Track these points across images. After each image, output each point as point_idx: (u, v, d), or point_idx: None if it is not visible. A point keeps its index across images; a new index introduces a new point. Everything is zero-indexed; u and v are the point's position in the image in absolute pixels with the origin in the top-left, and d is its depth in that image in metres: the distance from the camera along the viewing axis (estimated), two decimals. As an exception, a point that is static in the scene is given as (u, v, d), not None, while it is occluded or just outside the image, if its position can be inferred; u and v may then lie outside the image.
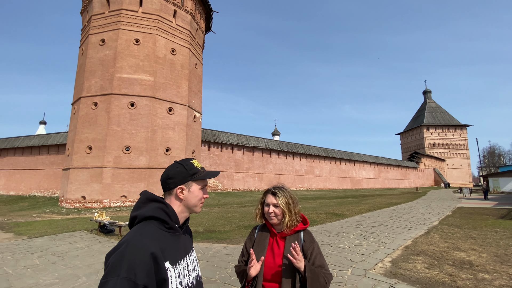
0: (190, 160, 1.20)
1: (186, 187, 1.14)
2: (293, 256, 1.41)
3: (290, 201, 1.57)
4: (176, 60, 20.34)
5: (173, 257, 1.03)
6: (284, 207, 1.54)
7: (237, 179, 29.10)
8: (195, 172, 1.15)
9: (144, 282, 0.86)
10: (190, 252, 1.18)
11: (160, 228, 1.04)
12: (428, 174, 63.96)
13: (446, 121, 72.48)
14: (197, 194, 1.15)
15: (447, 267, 4.78)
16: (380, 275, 4.39)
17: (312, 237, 1.61)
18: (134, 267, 0.86)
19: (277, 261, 1.50)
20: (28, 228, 9.35)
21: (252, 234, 1.70)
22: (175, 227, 1.10)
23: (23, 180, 26.58)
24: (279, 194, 1.57)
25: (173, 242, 1.06)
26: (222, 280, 4.18)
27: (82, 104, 18.20)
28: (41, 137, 27.41)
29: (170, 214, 1.08)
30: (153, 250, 0.93)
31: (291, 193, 1.62)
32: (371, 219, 10.57)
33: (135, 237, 0.96)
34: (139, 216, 1.06)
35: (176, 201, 1.14)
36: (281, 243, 1.55)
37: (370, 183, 48.22)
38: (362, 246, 6.26)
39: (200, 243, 6.65)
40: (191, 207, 1.16)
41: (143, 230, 1.00)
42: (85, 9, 20.99)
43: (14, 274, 4.53)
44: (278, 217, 1.56)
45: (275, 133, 55.02)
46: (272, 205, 1.57)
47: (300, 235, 1.58)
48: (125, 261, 0.87)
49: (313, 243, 1.58)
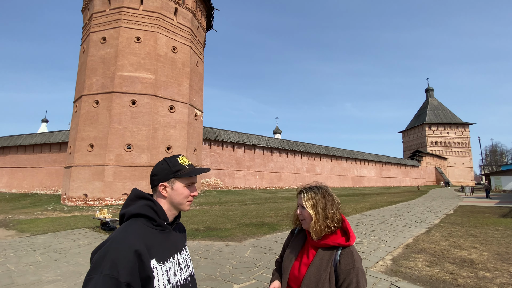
0: (176, 156, 1.18)
1: (169, 184, 1.11)
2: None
3: (319, 202, 1.32)
4: (177, 58, 20.31)
5: (161, 254, 1.02)
6: (310, 209, 1.31)
7: (238, 177, 29.13)
8: (178, 169, 1.12)
9: (127, 279, 0.86)
10: (181, 250, 1.16)
11: (147, 226, 1.04)
12: (429, 173, 63.79)
13: (448, 119, 72.13)
14: (181, 192, 1.12)
15: (448, 265, 4.77)
16: (381, 273, 4.39)
17: (353, 260, 1.23)
18: (117, 264, 0.86)
19: (301, 270, 1.30)
20: (30, 226, 9.42)
21: (291, 233, 1.54)
22: (164, 224, 1.09)
23: (26, 178, 26.72)
24: (305, 194, 1.36)
25: (161, 240, 1.05)
26: (223, 278, 4.20)
27: (84, 102, 18.23)
28: (43, 135, 27.51)
29: (158, 211, 1.07)
30: (138, 247, 0.93)
31: (327, 193, 1.36)
32: (372, 217, 10.57)
33: (120, 235, 0.95)
34: (127, 213, 1.06)
35: (161, 198, 1.12)
36: (312, 252, 1.33)
37: (372, 182, 48.16)
38: (363, 244, 6.27)
39: (202, 241, 6.67)
40: (177, 205, 1.13)
41: (129, 228, 1.00)
42: (86, 7, 20.97)
43: (16, 271, 4.57)
44: (307, 220, 1.34)
45: (276, 131, 55.01)
46: (300, 207, 1.38)
47: (336, 252, 1.27)
48: (108, 258, 0.87)
49: (353, 268, 1.21)
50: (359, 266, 1.23)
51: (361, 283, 1.19)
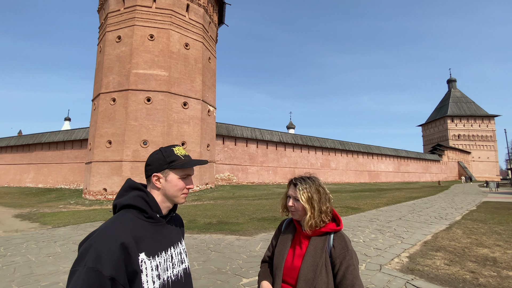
0: (172, 146, 1.13)
1: (162, 175, 1.07)
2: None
3: (315, 196, 1.30)
4: (189, 54, 20.46)
5: (151, 248, 0.98)
6: (305, 203, 1.28)
7: (251, 173, 29.20)
8: (173, 160, 1.07)
9: (111, 273, 0.82)
10: (176, 244, 1.12)
11: (138, 218, 1.00)
12: (451, 168, 61.03)
13: (472, 112, 68.43)
14: (175, 184, 1.07)
15: (469, 264, 4.52)
16: (396, 271, 4.22)
17: (345, 243, 1.27)
18: (101, 256, 0.83)
19: (295, 263, 1.29)
20: (53, 218, 9.90)
21: (279, 228, 1.51)
22: (156, 217, 1.04)
23: (50, 174, 28.17)
24: (300, 187, 1.32)
25: (153, 233, 1.01)
26: (233, 271, 4.19)
27: (101, 100, 18.83)
28: (66, 132, 28.79)
29: (150, 202, 1.03)
30: (124, 240, 0.89)
31: (321, 186, 1.34)
32: (389, 213, 10.24)
33: (108, 226, 0.92)
34: (118, 204, 1.02)
35: (154, 190, 1.08)
36: (305, 242, 1.32)
37: (389, 177, 46.77)
38: (378, 241, 6.07)
39: (213, 235, 6.72)
40: (171, 197, 1.08)
41: (118, 219, 0.96)
42: (101, 7, 21.50)
43: (36, 261, 4.79)
44: (299, 212, 1.33)
45: (289, 126, 54.46)
46: (293, 198, 1.35)
47: (328, 238, 1.29)
48: (93, 250, 0.84)
49: (346, 250, 1.25)
50: (351, 248, 1.27)
51: (356, 265, 1.24)
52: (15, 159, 31.34)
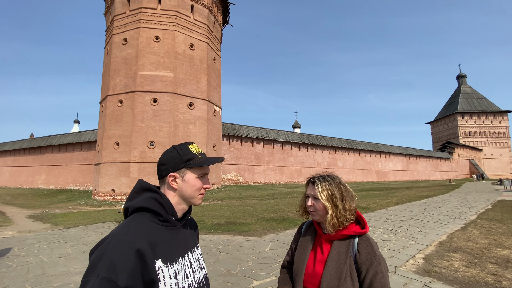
0: (187, 144, 1.04)
1: (179, 175, 0.98)
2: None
3: (336, 193, 1.22)
4: (195, 55, 20.49)
5: (168, 254, 0.90)
6: (325, 201, 1.21)
7: (258, 172, 29.11)
8: (190, 158, 0.99)
9: (127, 283, 0.75)
10: (193, 249, 1.04)
11: (153, 221, 0.92)
12: (462, 165, 59.72)
13: (483, 108, 66.78)
14: (193, 184, 0.99)
15: (489, 266, 4.33)
16: (412, 273, 4.07)
17: (372, 248, 1.17)
18: (115, 265, 0.75)
19: (317, 269, 1.19)
20: (64, 219, 10.02)
21: (298, 232, 1.42)
22: (172, 220, 0.97)
23: (61, 175, 28.66)
24: (319, 184, 1.25)
25: (169, 237, 0.93)
26: (243, 273, 4.11)
27: (109, 102, 19.02)
28: (75, 135, 29.25)
29: (165, 205, 0.95)
30: (140, 246, 0.81)
31: (341, 184, 1.26)
32: (400, 213, 10.01)
33: (121, 231, 0.84)
34: (131, 207, 0.94)
35: (170, 191, 0.99)
36: (327, 247, 1.23)
37: (398, 176, 46.03)
38: (391, 241, 5.90)
39: (222, 235, 6.66)
40: (188, 199, 1.00)
41: (132, 223, 0.88)
42: (108, 10, 21.72)
43: (48, 262, 4.81)
44: (319, 212, 1.24)
45: (295, 126, 54.15)
46: (312, 197, 1.27)
47: (353, 242, 1.20)
48: (106, 258, 0.76)
49: (373, 256, 1.14)
50: (379, 253, 1.17)
51: (385, 272, 1.13)
52: (28, 161, 32.03)
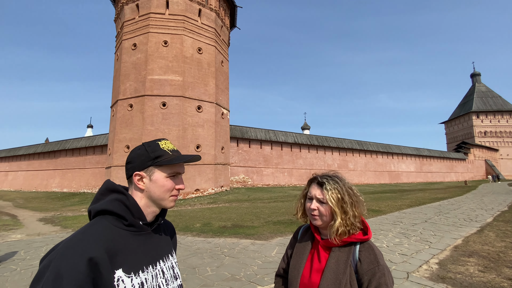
0: (158, 140, 0.95)
1: (146, 174, 0.89)
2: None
3: (346, 198, 1.07)
4: (202, 58, 20.68)
5: (133, 263, 0.81)
6: (335, 206, 1.06)
7: (266, 175, 28.96)
8: (158, 155, 0.90)
9: None
10: (166, 256, 0.94)
11: (116, 226, 0.82)
12: (478, 166, 57.64)
13: (499, 106, 64.40)
14: (162, 184, 0.89)
15: (506, 270, 4.08)
16: (425, 279, 3.87)
17: (375, 256, 1.05)
18: (62, 276, 0.67)
19: (313, 279, 1.07)
20: (74, 222, 10.20)
21: (294, 237, 1.29)
22: (139, 225, 0.87)
23: (74, 179, 29.38)
24: (328, 186, 1.09)
25: (135, 244, 0.84)
26: (247, 278, 4.02)
27: (119, 106, 19.40)
28: (87, 139, 29.99)
29: (131, 207, 0.86)
30: (94, 254, 0.72)
31: (350, 187, 1.12)
32: (413, 216, 9.68)
33: (75, 237, 0.75)
34: (93, 210, 0.85)
35: (137, 192, 0.90)
36: (324, 254, 1.11)
37: (411, 177, 44.84)
38: (403, 245, 5.67)
39: (228, 238, 6.58)
40: (157, 201, 0.90)
41: (90, 228, 0.79)
42: (117, 17, 22.26)
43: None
44: (324, 218, 1.10)
45: (304, 127, 53.76)
46: (317, 200, 1.11)
47: (353, 249, 1.07)
48: (53, 268, 0.68)
49: (376, 266, 1.03)
50: (383, 263, 1.05)
51: (390, 284, 1.02)
52: (42, 165, 33.03)
